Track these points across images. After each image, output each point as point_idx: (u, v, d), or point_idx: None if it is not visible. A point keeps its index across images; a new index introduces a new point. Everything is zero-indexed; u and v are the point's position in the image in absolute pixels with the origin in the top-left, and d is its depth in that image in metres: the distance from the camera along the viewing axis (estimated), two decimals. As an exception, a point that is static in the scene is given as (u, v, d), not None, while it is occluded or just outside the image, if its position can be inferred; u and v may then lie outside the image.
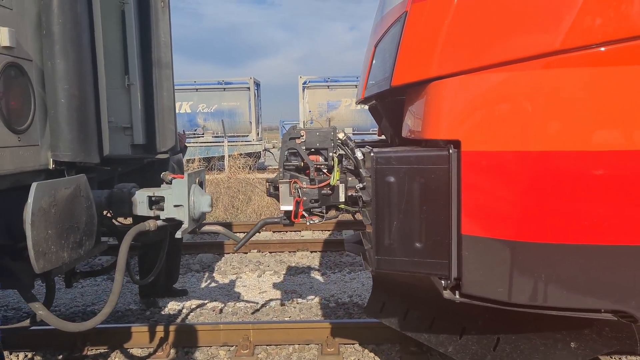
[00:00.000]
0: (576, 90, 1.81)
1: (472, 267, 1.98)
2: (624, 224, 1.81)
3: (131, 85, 3.62)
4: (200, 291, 5.80)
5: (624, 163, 1.78)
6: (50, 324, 2.69)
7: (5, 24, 2.29)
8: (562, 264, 1.88)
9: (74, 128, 2.49)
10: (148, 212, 3.03)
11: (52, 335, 4.20)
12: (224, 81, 20.75)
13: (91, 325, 2.73)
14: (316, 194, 2.59)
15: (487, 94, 1.93)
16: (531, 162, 1.84)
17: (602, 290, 1.88)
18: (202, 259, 7.05)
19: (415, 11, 2.10)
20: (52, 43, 2.50)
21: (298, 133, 2.63)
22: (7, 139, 2.23)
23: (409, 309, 2.83)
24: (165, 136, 3.78)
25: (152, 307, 5.23)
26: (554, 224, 1.86)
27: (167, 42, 3.86)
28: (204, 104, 20.51)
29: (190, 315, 5.05)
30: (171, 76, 3.92)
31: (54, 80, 2.49)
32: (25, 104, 2.38)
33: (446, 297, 2.06)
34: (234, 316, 5.01)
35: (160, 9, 3.82)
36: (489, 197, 1.93)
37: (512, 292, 1.92)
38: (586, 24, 1.77)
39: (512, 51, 1.87)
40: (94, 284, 6.07)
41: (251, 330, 4.25)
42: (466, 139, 1.93)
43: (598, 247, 1.84)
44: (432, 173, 2.00)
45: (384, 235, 2.07)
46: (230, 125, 20.06)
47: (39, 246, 2.19)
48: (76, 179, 2.45)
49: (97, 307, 5.34)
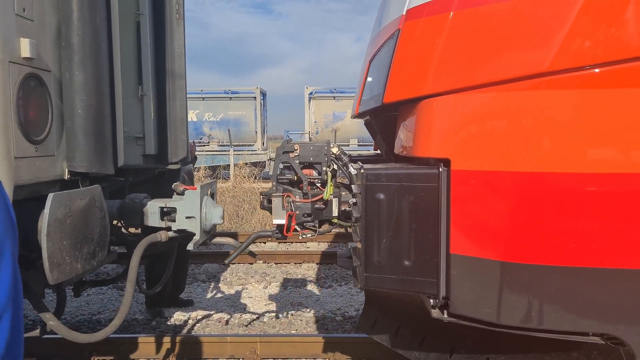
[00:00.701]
0: (564, 112, 1.82)
1: (460, 286, 1.97)
2: (611, 247, 1.80)
3: (144, 96, 3.63)
4: (206, 302, 5.77)
5: (612, 186, 1.78)
6: (61, 335, 2.68)
7: (26, 35, 2.31)
8: (550, 286, 1.87)
9: (90, 139, 2.50)
10: (159, 223, 3.03)
11: (60, 344, 4.18)
12: (231, 90, 20.85)
13: (102, 337, 2.72)
14: (309, 208, 2.59)
15: (477, 114, 1.94)
16: (519, 183, 1.84)
17: (589, 313, 1.87)
18: (208, 269, 7.03)
19: (408, 29, 2.12)
20: (71, 54, 2.52)
21: (292, 147, 2.64)
22: (24, 150, 2.24)
23: (400, 326, 2.82)
24: (177, 146, 3.79)
25: (158, 317, 5.20)
26: (541, 246, 1.85)
27: (181, 53, 3.88)
28: (210, 113, 20.59)
29: (196, 326, 5.02)
30: (184, 87, 3.93)
31: (72, 91, 2.50)
32: (43, 115, 2.40)
33: (434, 316, 2.05)
34: (240, 328, 4.98)
35: (175, 20, 3.85)
36: (477, 216, 1.93)
37: (499, 313, 1.91)
38: (574, 46, 1.78)
39: (501, 71, 1.89)
40: (99, 293, 6.05)
41: (258, 342, 4.22)
42: (456, 158, 1.93)
43: (585, 270, 1.83)
44: (422, 191, 2.00)
45: (372, 252, 2.07)
46: (236, 134, 20.12)
47: (54, 257, 2.19)
48: (91, 189, 2.46)
49: (103, 316, 5.32)
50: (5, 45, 2.19)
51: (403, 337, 2.76)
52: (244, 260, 7.35)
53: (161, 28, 3.76)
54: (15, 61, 2.23)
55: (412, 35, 2.10)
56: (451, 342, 2.57)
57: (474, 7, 1.96)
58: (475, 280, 1.94)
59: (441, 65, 1.99)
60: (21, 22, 2.31)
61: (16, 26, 2.27)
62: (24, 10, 2.33)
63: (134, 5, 3.62)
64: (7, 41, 2.21)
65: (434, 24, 2.02)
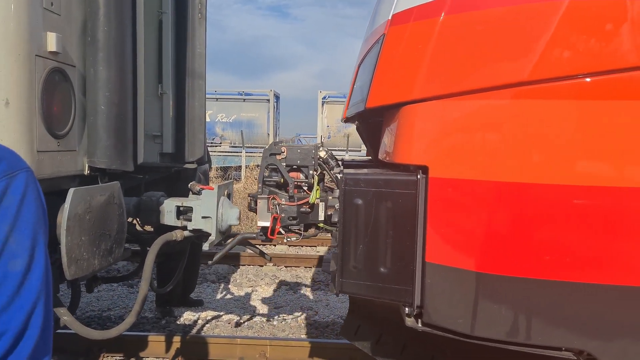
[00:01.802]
0: (542, 122, 1.80)
1: (435, 295, 1.96)
2: (586, 261, 1.78)
3: (164, 94, 3.63)
4: (216, 302, 5.76)
5: (590, 199, 1.76)
6: (75, 331, 2.67)
7: (52, 29, 2.32)
8: (525, 299, 1.85)
9: (111, 135, 2.49)
10: (175, 222, 3.02)
11: (69, 340, 4.18)
12: (244, 92, 20.94)
13: (115, 334, 2.71)
14: (295, 211, 2.58)
15: (456, 121, 1.93)
16: (497, 193, 1.82)
17: (563, 328, 1.85)
18: (218, 270, 7.02)
19: (393, 34, 2.11)
20: (96, 50, 2.52)
21: (279, 149, 2.63)
22: (47, 144, 2.24)
23: (382, 334, 2.80)
24: (194, 146, 3.78)
25: (168, 316, 5.20)
26: (517, 257, 1.83)
27: (201, 53, 3.88)
28: (223, 114, 20.68)
29: (205, 327, 5.00)
30: (204, 87, 3.93)
31: (95, 87, 2.50)
32: (66, 110, 2.40)
33: (408, 324, 2.03)
34: (250, 330, 4.95)
35: (198, 20, 3.85)
36: (454, 225, 1.92)
37: (472, 324, 1.89)
38: (553, 56, 1.77)
39: (480, 80, 1.88)
40: (110, 289, 6.06)
41: (268, 346, 4.19)
42: (434, 165, 1.92)
43: (560, 284, 1.80)
44: (400, 197, 1.98)
45: (349, 257, 2.05)
46: (248, 136, 20.17)
47: (72, 252, 2.18)
48: (111, 186, 2.45)
49: (113, 312, 5.32)
50: (32, 38, 2.19)
51: (384, 345, 2.74)
52: (254, 262, 7.34)
53: (183, 27, 3.76)
54: (41, 55, 2.24)
55: (396, 41, 2.10)
56: (431, 352, 2.56)
57: (456, 14, 1.95)
58: (449, 290, 1.93)
59: (421, 72, 1.99)
60: (48, 16, 2.31)
61: (43, 20, 2.28)
62: (52, 4, 2.34)
63: (157, 3, 3.63)
64: (34, 34, 2.21)
65: (416, 30, 2.02)
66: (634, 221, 1.73)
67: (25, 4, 2.15)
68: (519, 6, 1.85)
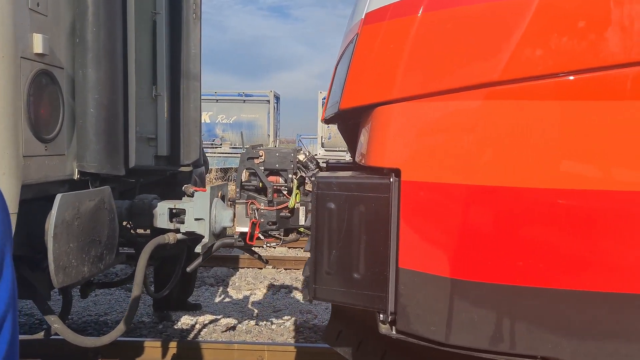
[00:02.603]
0: (514, 123, 1.74)
1: (408, 302, 1.91)
2: (562, 267, 1.72)
3: (158, 96, 3.57)
4: (214, 306, 5.69)
5: (566, 202, 1.70)
6: (66, 339, 2.61)
7: (39, 31, 2.26)
8: (500, 306, 1.80)
9: (101, 139, 2.43)
10: (168, 225, 2.96)
11: (64, 346, 4.11)
12: (244, 93, 20.89)
13: (108, 341, 2.66)
14: (274, 216, 2.53)
15: (426, 122, 1.88)
16: (467, 196, 1.77)
17: (536, 335, 1.79)
18: (217, 273, 6.96)
19: (366, 34, 2.07)
20: (85, 51, 2.45)
21: (257, 153, 2.57)
22: (34, 148, 2.17)
23: (362, 340, 2.75)
24: (189, 148, 3.72)
25: (165, 320, 5.14)
26: (488, 263, 1.78)
27: (196, 54, 3.82)
28: (224, 115, 20.62)
29: (203, 332, 4.94)
30: (199, 88, 3.87)
31: (85, 89, 2.44)
32: (54, 113, 2.33)
33: (382, 332, 1.98)
34: (248, 334, 4.89)
35: (192, 20, 3.79)
36: (427, 230, 1.87)
37: (445, 332, 1.84)
38: (523, 56, 1.72)
39: (451, 80, 1.83)
40: (107, 293, 6.00)
41: (266, 351, 4.13)
42: (406, 168, 1.87)
43: (534, 290, 1.75)
44: (373, 202, 1.93)
45: (322, 263, 2.01)
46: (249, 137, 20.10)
47: (60, 260, 2.12)
48: (101, 191, 2.39)
49: (110, 317, 5.26)
50: (18, 40, 2.13)
51: (364, 352, 2.68)
52: (253, 265, 7.28)
53: (177, 28, 3.70)
54: (27, 57, 2.17)
55: (369, 40, 2.06)
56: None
57: (426, 14, 1.91)
58: (422, 297, 1.88)
59: (394, 72, 1.95)
60: (34, 17, 2.25)
61: (29, 21, 2.21)
62: (38, 5, 2.27)
63: (151, 4, 3.57)
64: (20, 36, 2.15)
65: (390, 29, 1.98)
66: (610, 224, 1.67)
67: (9, 5, 2.09)
68: (495, 2, 1.79)
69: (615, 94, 1.68)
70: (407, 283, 1.89)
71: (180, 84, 3.64)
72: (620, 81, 1.68)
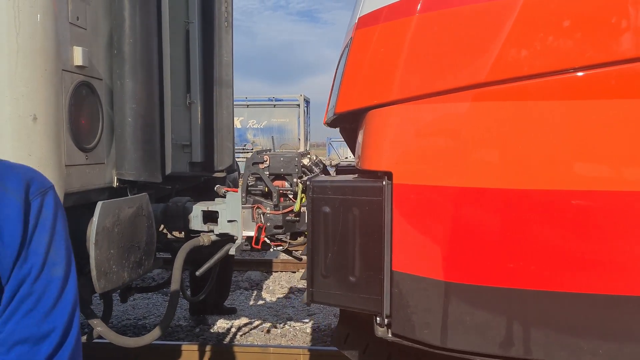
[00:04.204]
0: (503, 125, 1.72)
1: (402, 305, 1.91)
2: (556, 269, 1.69)
3: (192, 104, 3.63)
4: (249, 310, 5.75)
5: (558, 203, 1.66)
6: (109, 340, 2.68)
7: (79, 44, 2.33)
8: (493, 309, 1.78)
9: (139, 147, 2.49)
10: (202, 227, 3.01)
11: (104, 349, 4.23)
12: (275, 98, 21.05)
13: (149, 340, 2.73)
14: (280, 220, 2.54)
15: (417, 125, 1.88)
16: (458, 199, 1.76)
17: (529, 339, 1.76)
18: (251, 277, 7.02)
19: (359, 38, 2.08)
20: (122, 62, 2.52)
21: (261, 158, 2.59)
22: (75, 157, 2.25)
23: (368, 343, 2.73)
24: (223, 154, 3.77)
25: (202, 324, 5.21)
26: (481, 266, 1.76)
27: (228, 62, 3.87)
28: (254, 120, 20.83)
29: (238, 335, 4.99)
30: (231, 95, 3.92)
31: (122, 99, 2.51)
32: (94, 123, 2.41)
33: (379, 334, 2.00)
34: (283, 338, 4.91)
35: (224, 28, 3.84)
36: (419, 233, 1.87)
37: (439, 335, 1.83)
38: (510, 57, 1.70)
39: (440, 82, 1.82)
40: (145, 298, 6.14)
41: (301, 355, 4.13)
42: (397, 171, 1.87)
43: (525, 292, 1.73)
44: (367, 205, 1.95)
45: (319, 266, 2.04)
46: (279, 141, 20.25)
47: (101, 266, 2.18)
48: (139, 198, 2.45)
49: (148, 321, 5.37)
50: (59, 53, 2.21)
51: (370, 355, 2.68)
52: (286, 268, 7.31)
53: (210, 36, 3.76)
54: (68, 69, 2.25)
55: (361, 45, 2.07)
56: None
57: (407, 18, 1.90)
58: (416, 300, 1.89)
59: (383, 76, 1.96)
60: (74, 31, 2.33)
61: (70, 35, 2.29)
62: (78, 19, 2.35)
63: (184, 13, 3.64)
64: (61, 49, 2.23)
65: (378, 34, 1.98)
66: (602, 224, 1.65)
67: (51, 20, 2.17)
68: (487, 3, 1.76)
69: (601, 93, 1.65)
70: (401, 286, 1.91)
71: (213, 91, 3.69)
72: (604, 81, 1.64)
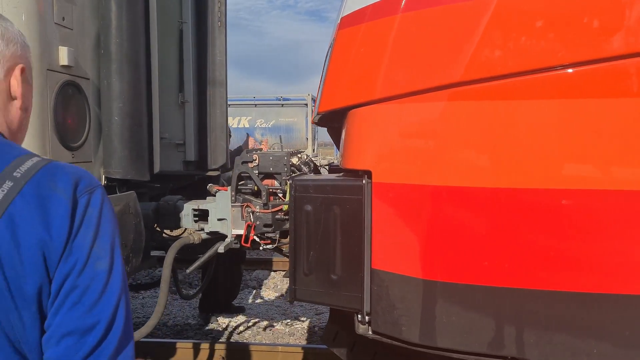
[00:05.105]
0: (476, 124, 1.72)
1: (381, 303, 1.92)
2: (532, 267, 1.68)
3: (185, 103, 3.65)
4: (257, 308, 5.76)
5: (531, 201, 1.66)
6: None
7: (65, 44, 2.35)
8: (471, 307, 1.77)
9: (126, 146, 2.51)
10: (192, 225, 3.02)
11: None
12: (282, 97, 21.07)
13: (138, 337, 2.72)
14: (269, 219, 2.55)
15: (394, 124, 1.89)
16: (436, 197, 1.76)
17: (506, 336, 1.76)
18: (259, 276, 7.04)
19: (341, 38, 2.09)
20: (109, 62, 2.54)
21: (251, 157, 2.60)
22: (60, 155, 2.27)
23: (355, 342, 2.73)
24: (216, 153, 3.79)
25: (211, 322, 5.24)
26: (458, 264, 1.76)
27: (222, 61, 3.89)
28: (262, 119, 20.87)
29: (247, 333, 5.00)
30: (225, 94, 3.94)
31: (109, 98, 2.52)
32: (81, 121, 2.43)
33: (359, 332, 2.01)
34: (291, 337, 4.91)
35: (217, 28, 3.86)
36: (396, 231, 1.88)
37: (417, 332, 1.85)
38: (483, 57, 1.70)
39: (416, 82, 1.83)
40: (154, 295, 6.17)
41: (309, 354, 4.14)
42: (376, 170, 1.89)
43: (504, 290, 1.73)
44: (347, 203, 1.97)
45: (301, 264, 2.06)
46: (287, 140, 20.25)
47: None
48: (125, 196, 2.46)
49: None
50: (44, 53, 2.23)
51: (357, 353, 2.70)
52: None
53: (203, 36, 3.78)
54: (53, 69, 2.27)
55: (342, 45, 2.09)
56: None
57: (386, 18, 1.91)
58: (395, 297, 1.90)
59: (362, 76, 1.97)
60: (60, 31, 2.35)
61: (55, 35, 2.32)
62: (64, 19, 2.38)
63: (177, 13, 3.66)
64: (46, 50, 2.25)
65: (357, 34, 2.00)
66: (577, 222, 1.64)
67: (35, 20, 2.19)
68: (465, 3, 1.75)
69: (573, 92, 1.63)
70: (380, 284, 1.92)
71: (206, 90, 3.71)
72: (575, 80, 1.63)
